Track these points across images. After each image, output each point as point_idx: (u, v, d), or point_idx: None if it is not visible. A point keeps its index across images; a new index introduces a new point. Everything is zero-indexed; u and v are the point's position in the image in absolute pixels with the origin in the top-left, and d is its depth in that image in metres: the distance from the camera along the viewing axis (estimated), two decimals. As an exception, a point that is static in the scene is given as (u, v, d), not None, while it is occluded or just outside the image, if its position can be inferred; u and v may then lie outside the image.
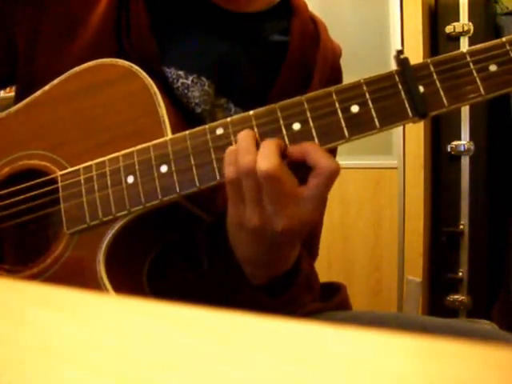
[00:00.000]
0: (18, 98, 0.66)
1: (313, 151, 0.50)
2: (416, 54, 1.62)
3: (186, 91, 0.63)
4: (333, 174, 0.49)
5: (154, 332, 0.20)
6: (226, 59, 0.65)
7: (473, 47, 0.51)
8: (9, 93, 1.62)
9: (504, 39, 0.50)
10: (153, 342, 0.19)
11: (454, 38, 1.66)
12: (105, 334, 0.20)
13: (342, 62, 0.77)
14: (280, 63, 0.68)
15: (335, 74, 0.74)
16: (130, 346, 0.18)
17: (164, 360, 0.17)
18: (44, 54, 0.65)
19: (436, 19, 1.72)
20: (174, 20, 0.66)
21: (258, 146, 0.51)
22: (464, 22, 1.65)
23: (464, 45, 1.65)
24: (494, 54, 0.50)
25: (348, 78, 0.67)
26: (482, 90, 0.50)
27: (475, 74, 0.50)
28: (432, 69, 0.51)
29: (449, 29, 1.66)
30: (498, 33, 1.68)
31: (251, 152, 0.49)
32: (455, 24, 1.66)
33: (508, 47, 0.50)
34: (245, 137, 0.51)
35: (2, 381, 0.16)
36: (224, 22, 0.66)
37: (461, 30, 1.65)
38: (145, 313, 0.22)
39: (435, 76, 0.51)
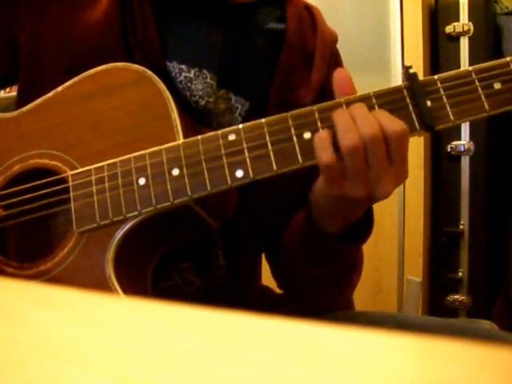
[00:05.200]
0: (21, 98, 0.66)
1: None
2: (416, 54, 1.62)
3: (189, 84, 0.64)
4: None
5: (154, 332, 0.20)
6: (227, 50, 0.66)
7: (478, 66, 0.53)
8: (9, 93, 1.62)
9: (508, 59, 0.53)
10: (153, 342, 0.19)
11: (454, 38, 1.66)
12: (105, 333, 0.20)
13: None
14: (279, 50, 0.69)
15: (335, 58, 0.75)
16: (130, 346, 0.18)
17: (164, 360, 0.17)
18: (46, 54, 0.65)
19: (436, 19, 1.72)
20: (174, 13, 0.66)
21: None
22: (464, 22, 1.65)
23: (464, 45, 1.64)
24: (499, 72, 0.52)
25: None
26: (486, 106, 0.52)
27: (480, 91, 0.52)
28: (439, 85, 0.53)
29: (449, 29, 1.66)
30: (498, 33, 1.67)
31: (371, 117, 0.51)
32: (455, 24, 1.65)
33: None
34: (360, 106, 0.52)
35: (2, 381, 0.16)
36: (222, 13, 0.67)
37: (461, 30, 1.64)
38: (145, 313, 0.22)
39: (442, 92, 0.52)
